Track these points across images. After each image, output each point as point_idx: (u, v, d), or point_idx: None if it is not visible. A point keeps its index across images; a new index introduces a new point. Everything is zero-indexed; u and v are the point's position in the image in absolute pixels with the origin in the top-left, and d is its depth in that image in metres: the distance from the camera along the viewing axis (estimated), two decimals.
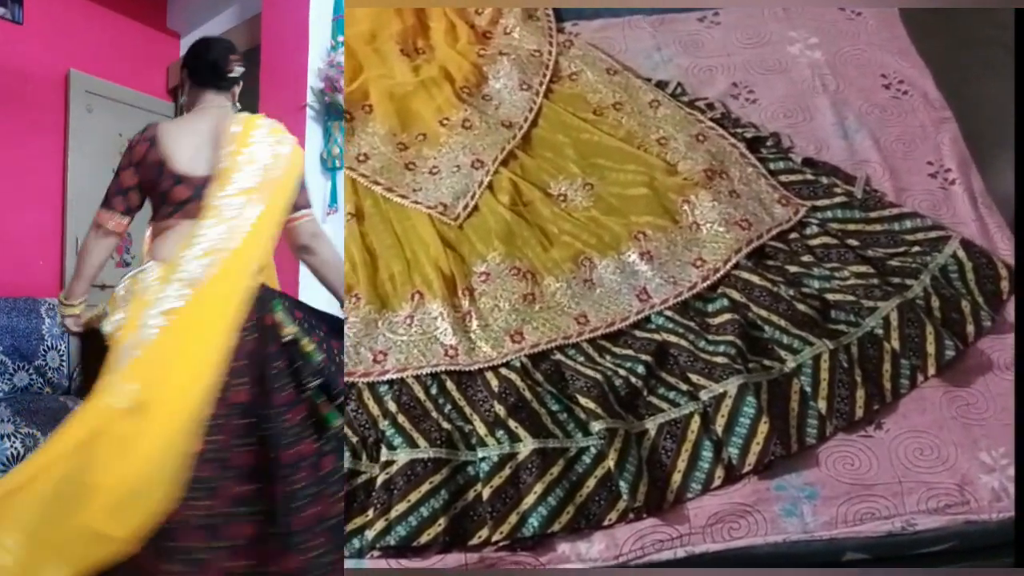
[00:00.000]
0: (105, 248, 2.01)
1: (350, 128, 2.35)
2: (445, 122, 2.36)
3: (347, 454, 1.74)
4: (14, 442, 2.36)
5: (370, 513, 1.66)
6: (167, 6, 4.21)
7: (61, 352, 3.20)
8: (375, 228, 2.18)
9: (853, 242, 2.06)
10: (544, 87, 2.44)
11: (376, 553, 1.63)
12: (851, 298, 1.94)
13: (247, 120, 1.87)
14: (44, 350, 3.14)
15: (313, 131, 2.95)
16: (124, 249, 3.75)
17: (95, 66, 3.79)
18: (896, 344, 1.86)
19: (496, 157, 2.28)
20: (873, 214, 2.12)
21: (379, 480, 1.70)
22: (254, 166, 1.79)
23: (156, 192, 1.90)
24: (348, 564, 1.64)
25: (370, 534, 1.63)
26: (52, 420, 2.50)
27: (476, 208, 2.20)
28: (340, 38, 2.91)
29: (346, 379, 1.88)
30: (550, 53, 2.52)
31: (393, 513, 1.63)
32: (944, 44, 2.51)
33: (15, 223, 3.46)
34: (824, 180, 2.18)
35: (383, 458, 1.73)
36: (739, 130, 2.31)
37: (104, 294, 3.44)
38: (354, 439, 1.78)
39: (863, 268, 2.00)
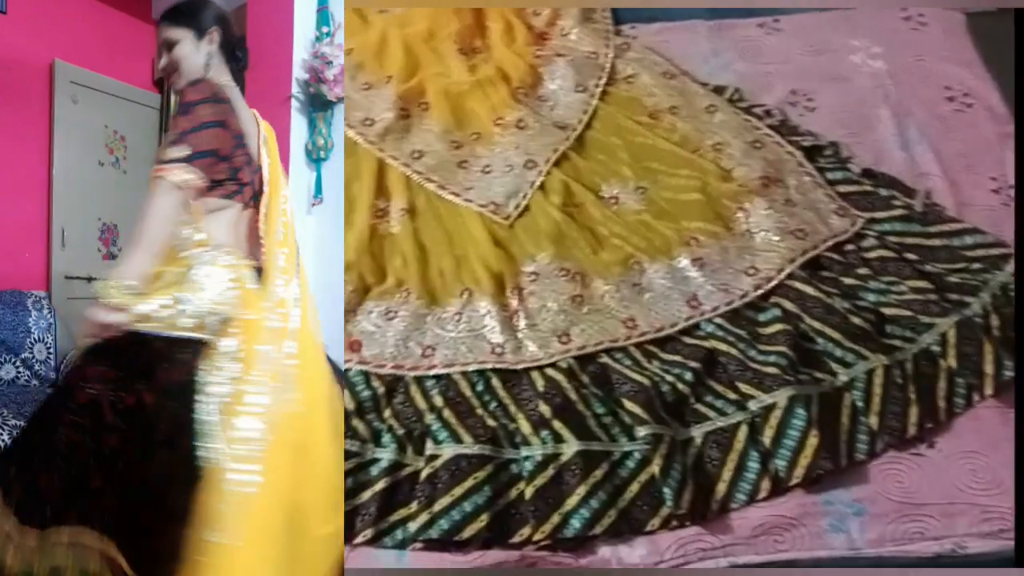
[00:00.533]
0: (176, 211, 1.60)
1: (405, 125, 2.37)
2: (500, 122, 2.37)
3: (393, 446, 1.76)
4: (1, 434, 2.36)
5: (413, 506, 1.68)
6: None
7: (48, 344, 3.19)
8: (427, 224, 2.19)
9: (911, 256, 2.02)
10: (600, 89, 2.43)
11: (418, 545, 1.64)
12: (908, 313, 1.90)
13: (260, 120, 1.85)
14: (31, 343, 3.13)
15: (298, 122, 2.95)
16: (111, 241, 3.80)
17: (80, 56, 3.74)
18: (953, 362, 1.82)
19: (549, 158, 2.28)
20: (933, 228, 2.07)
21: (423, 473, 1.71)
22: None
23: (226, 165, 1.72)
24: (389, 555, 1.65)
25: (413, 526, 1.64)
26: None
27: (527, 208, 2.20)
28: (325, 28, 2.90)
29: (394, 372, 1.90)
30: (607, 55, 2.51)
31: (436, 507, 1.64)
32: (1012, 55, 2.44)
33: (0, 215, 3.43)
34: (883, 192, 2.14)
35: (428, 452, 1.74)
36: (797, 138, 2.28)
37: (92, 285, 3.46)
38: (400, 431, 1.79)
39: (921, 283, 1.95)
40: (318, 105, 2.92)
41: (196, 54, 1.82)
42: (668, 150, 2.27)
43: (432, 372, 1.91)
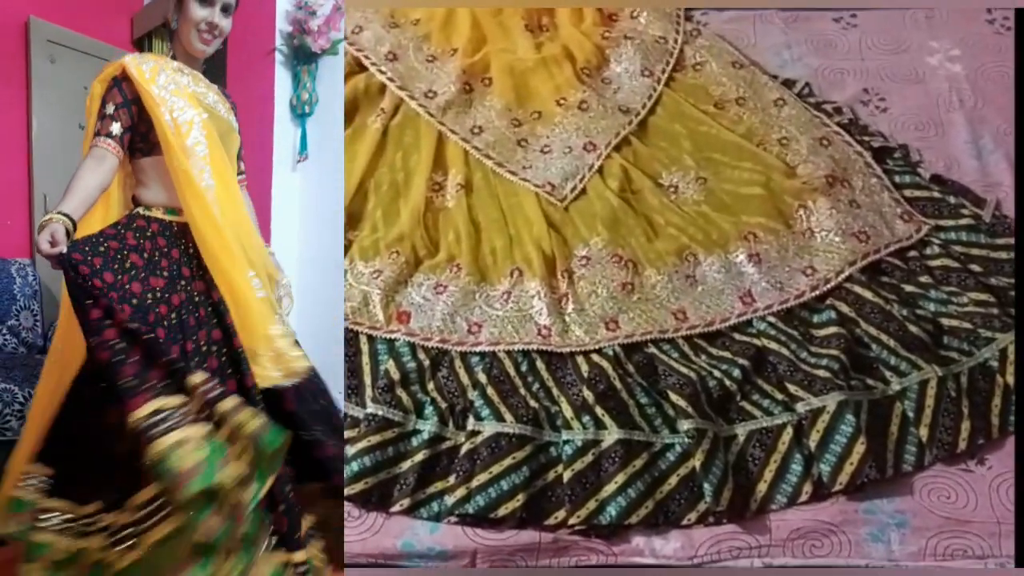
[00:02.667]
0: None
1: (467, 99, 2.36)
2: (562, 102, 2.35)
3: (434, 419, 1.77)
4: None
5: (451, 479, 1.69)
6: None
7: (34, 311, 3.16)
8: (482, 201, 2.19)
9: (976, 267, 1.96)
10: (666, 75, 2.39)
11: (453, 519, 1.66)
12: (967, 325, 1.85)
13: None
14: (17, 310, 3.09)
15: (282, 77, 2.87)
16: None
17: (56, 14, 3.51)
18: (1010, 379, 1.77)
19: (610, 142, 2.25)
20: (1000, 240, 2.01)
21: (463, 448, 1.72)
22: None
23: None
24: (423, 526, 1.67)
25: (449, 500, 1.66)
26: (30, 376, 2.49)
27: (584, 191, 2.18)
28: None
29: (440, 346, 1.91)
30: (676, 41, 2.47)
31: (474, 482, 1.66)
32: None
33: None
34: (951, 200, 2.08)
35: (469, 427, 1.75)
36: (866, 138, 2.22)
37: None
38: (443, 405, 1.80)
39: (983, 296, 1.90)
40: (302, 58, 2.83)
41: (220, 40, 1.90)
42: (732, 141, 2.23)
43: (477, 349, 1.91)
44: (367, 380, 1.87)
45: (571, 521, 1.62)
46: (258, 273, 1.81)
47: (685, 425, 1.70)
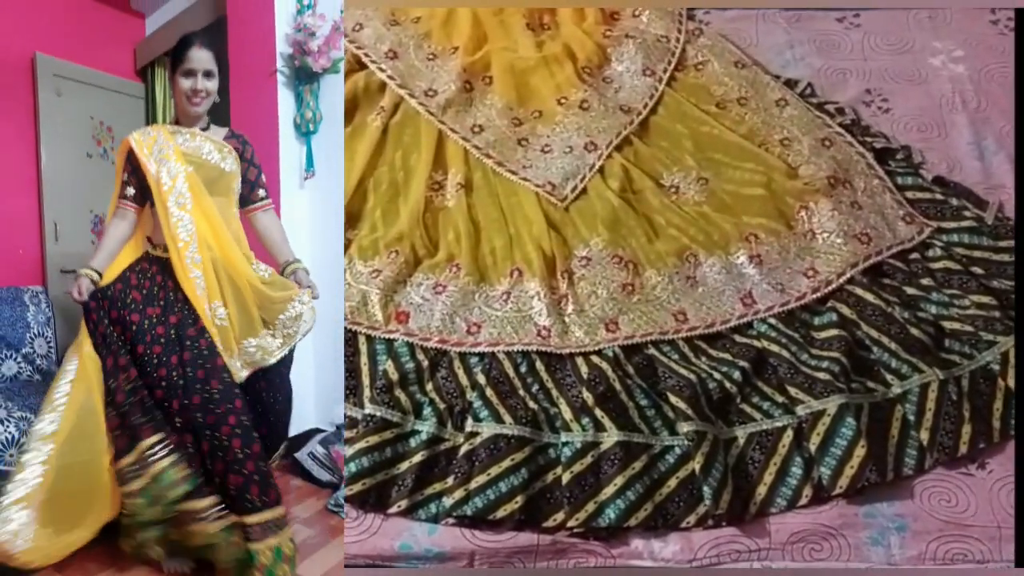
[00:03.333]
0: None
1: (468, 98, 2.35)
2: (563, 101, 2.34)
3: (433, 420, 1.76)
4: (8, 426, 2.36)
5: (449, 481, 1.68)
6: None
7: (48, 339, 3.17)
8: (482, 200, 2.18)
9: (978, 270, 1.95)
10: (668, 74, 2.39)
11: (451, 521, 1.65)
12: (969, 328, 1.84)
13: None
14: (31, 338, 3.11)
15: (285, 97, 2.91)
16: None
17: (61, 49, 3.65)
18: (1011, 382, 1.76)
19: (611, 141, 2.24)
20: (1002, 243, 2.00)
21: (462, 450, 1.71)
22: None
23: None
24: (421, 528, 1.66)
25: (448, 501, 1.65)
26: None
27: (584, 191, 2.17)
28: (306, 1, 2.85)
29: (439, 346, 1.90)
30: (678, 40, 2.46)
31: (473, 484, 1.65)
32: None
33: None
34: (954, 201, 2.07)
35: (468, 428, 1.74)
36: (868, 139, 2.21)
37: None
38: (441, 406, 1.80)
39: (985, 299, 1.89)
40: (304, 78, 2.88)
41: (213, 97, 2.16)
42: (734, 142, 2.22)
43: (476, 349, 1.90)
44: (365, 381, 1.86)
45: (570, 523, 1.62)
46: (229, 302, 2.13)
47: (685, 427, 1.70)
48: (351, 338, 1.94)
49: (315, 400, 3.13)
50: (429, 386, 1.85)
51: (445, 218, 2.15)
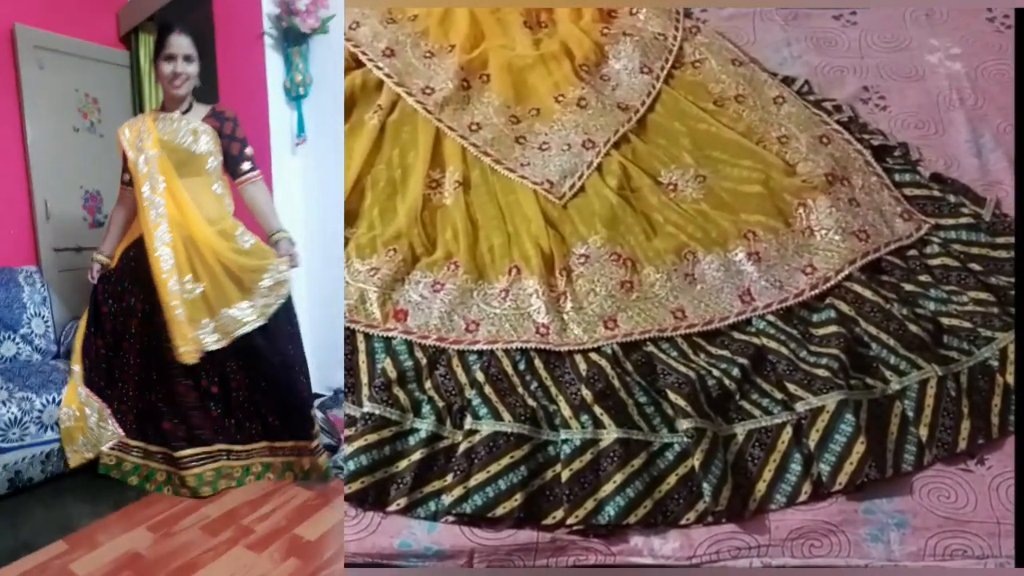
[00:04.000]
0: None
1: (465, 96, 2.35)
2: (560, 99, 2.34)
3: (432, 418, 1.76)
4: (10, 407, 2.42)
5: (449, 478, 1.68)
6: None
7: (45, 318, 3.17)
8: (480, 199, 2.18)
9: (976, 266, 1.95)
10: (665, 72, 2.38)
11: (450, 519, 1.65)
12: (967, 325, 1.85)
13: None
14: (27, 318, 3.12)
15: (273, 60, 2.85)
16: (96, 208, 3.70)
17: (41, 19, 3.50)
18: (1010, 378, 1.76)
19: (608, 139, 2.24)
20: (1000, 239, 2.00)
21: (461, 447, 1.71)
22: None
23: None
24: (420, 526, 1.66)
25: (447, 499, 1.65)
26: (46, 383, 2.58)
27: (582, 189, 2.17)
28: None
29: (438, 344, 1.90)
30: (675, 38, 2.46)
31: (472, 482, 1.64)
32: None
33: None
34: (951, 198, 2.07)
35: (467, 426, 1.74)
36: (866, 136, 2.21)
37: (81, 256, 3.53)
38: (440, 404, 1.79)
39: (983, 295, 1.89)
40: (292, 39, 2.81)
41: (194, 79, 2.31)
42: (731, 139, 2.22)
43: (475, 347, 1.90)
44: (364, 379, 1.86)
45: (569, 521, 1.61)
46: (202, 275, 2.29)
47: (684, 424, 1.69)
48: (349, 336, 1.93)
49: (313, 365, 3.08)
50: (428, 384, 1.84)
51: (443, 216, 2.15)
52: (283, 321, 2.41)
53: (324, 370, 3.07)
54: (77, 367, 2.49)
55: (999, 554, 1.57)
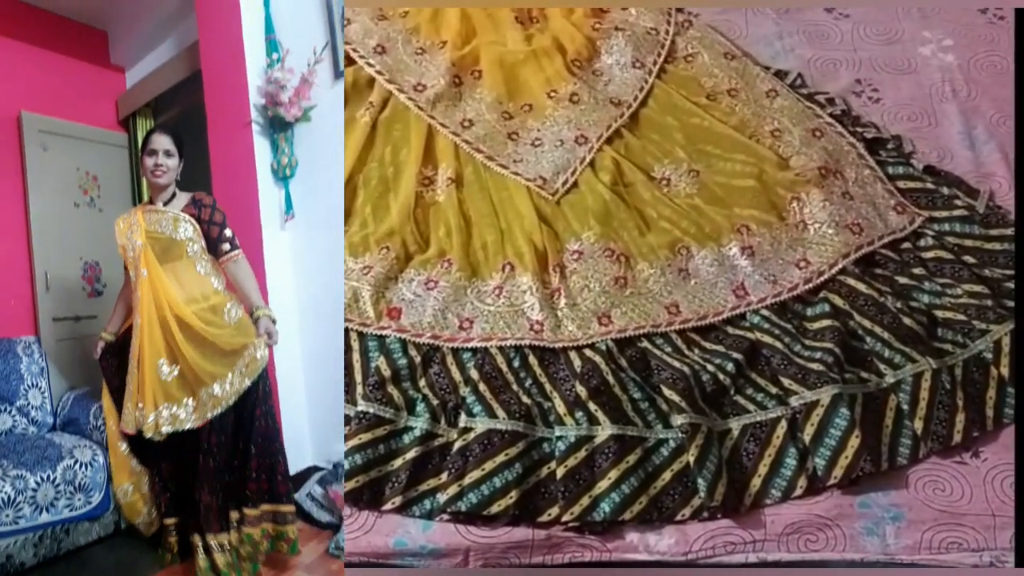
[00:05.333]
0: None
1: (457, 93, 2.34)
2: (553, 94, 2.33)
3: (426, 416, 1.75)
4: (3, 486, 2.31)
5: (444, 477, 1.67)
6: (108, 44, 4.28)
7: (42, 389, 3.12)
8: (473, 195, 2.17)
9: (969, 259, 1.95)
10: (658, 67, 2.38)
11: (446, 517, 1.64)
12: (962, 317, 1.84)
13: None
14: (25, 389, 3.05)
15: (261, 145, 3.05)
16: (95, 279, 3.81)
17: (46, 106, 3.78)
18: (1005, 370, 1.76)
19: (601, 135, 2.24)
20: (994, 231, 2.00)
21: (456, 445, 1.70)
22: None
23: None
24: (416, 524, 1.65)
25: (442, 497, 1.64)
26: (41, 460, 2.48)
27: (575, 185, 2.17)
28: (275, 55, 3.02)
29: (432, 342, 1.89)
30: (667, 32, 2.45)
31: (467, 480, 1.64)
32: None
33: None
34: (945, 190, 2.07)
35: (461, 424, 1.73)
36: (859, 129, 2.21)
37: (80, 324, 3.64)
38: (434, 402, 1.79)
39: (978, 287, 1.89)
40: (278, 126, 3.03)
41: (175, 171, 2.41)
42: (724, 133, 2.21)
43: (469, 345, 1.89)
44: (358, 377, 1.85)
45: (564, 518, 1.61)
46: (180, 357, 2.30)
47: (679, 420, 1.69)
48: (343, 335, 1.92)
49: (311, 438, 3.15)
50: (422, 382, 1.84)
51: (436, 213, 2.14)
52: (249, 401, 2.39)
53: (322, 443, 3.10)
54: (123, 444, 2.45)
55: (994, 546, 1.57)
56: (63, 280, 3.68)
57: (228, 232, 2.45)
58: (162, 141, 2.38)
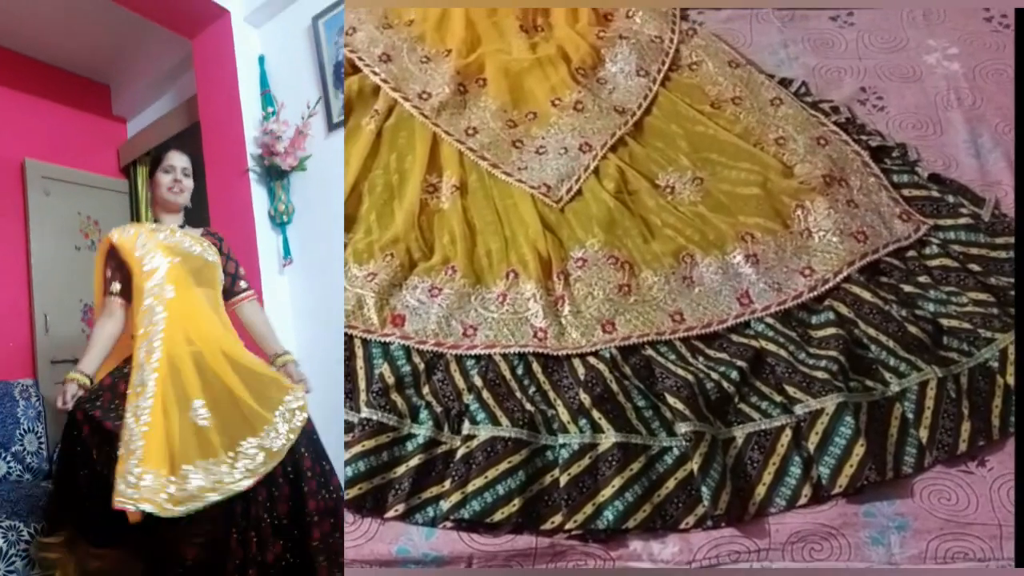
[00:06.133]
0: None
1: (462, 100, 2.35)
2: (557, 102, 2.33)
3: (430, 423, 1.75)
4: None
5: (447, 484, 1.67)
6: (111, 95, 4.41)
7: (39, 435, 3.02)
8: (477, 203, 2.17)
9: (975, 267, 1.95)
10: (662, 75, 2.38)
11: (449, 524, 1.64)
12: (967, 326, 1.84)
13: None
14: (20, 434, 2.93)
15: (258, 192, 3.12)
16: (94, 322, 3.76)
17: (49, 153, 3.89)
18: (1011, 379, 1.75)
19: (605, 142, 2.24)
20: (999, 240, 2.00)
21: (459, 453, 1.70)
22: None
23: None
24: (419, 532, 1.65)
25: (445, 505, 1.64)
26: (35, 509, 2.31)
27: (580, 192, 2.17)
28: (270, 109, 3.13)
29: (436, 349, 1.89)
30: (671, 40, 2.46)
31: (470, 487, 1.64)
32: None
33: None
34: (950, 199, 2.07)
35: (465, 431, 1.73)
36: (863, 137, 2.21)
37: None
38: (438, 409, 1.79)
39: (983, 296, 1.88)
40: (275, 175, 3.09)
41: (189, 192, 2.25)
42: (729, 141, 2.21)
43: (473, 352, 1.89)
44: (361, 384, 1.86)
45: (568, 526, 1.60)
46: (208, 401, 1.92)
47: (683, 428, 1.69)
48: (346, 342, 1.93)
49: None
50: (425, 389, 1.84)
51: (440, 221, 2.15)
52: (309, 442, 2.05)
53: None
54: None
55: (1000, 556, 1.56)
56: (63, 323, 3.71)
57: (242, 270, 2.33)
58: (181, 159, 2.23)
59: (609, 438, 1.69)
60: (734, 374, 1.80)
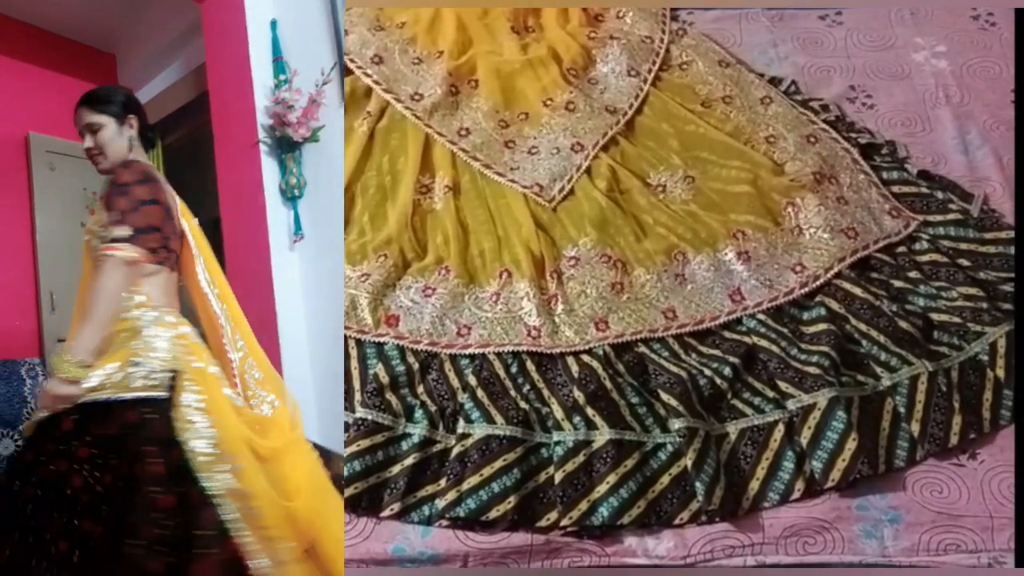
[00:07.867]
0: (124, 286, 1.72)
1: (454, 102, 2.36)
2: (549, 103, 2.35)
3: (424, 422, 1.76)
4: None
5: (442, 483, 1.68)
6: (116, 65, 4.29)
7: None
8: (470, 203, 2.18)
9: (964, 262, 1.96)
10: (653, 74, 2.40)
11: (444, 523, 1.65)
12: (957, 320, 1.85)
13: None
14: (27, 413, 2.89)
15: (269, 165, 3.03)
16: None
17: (53, 127, 3.75)
18: (1001, 373, 1.77)
19: (597, 142, 2.25)
20: (988, 235, 2.01)
21: (454, 451, 1.71)
22: None
23: (159, 235, 1.85)
24: (414, 530, 1.65)
25: (440, 503, 1.64)
26: None
27: (572, 192, 2.18)
28: (282, 76, 3.00)
29: (430, 348, 1.90)
30: (662, 40, 2.47)
31: (465, 485, 1.64)
32: None
33: None
34: (939, 195, 2.08)
35: (460, 430, 1.74)
36: (853, 135, 2.23)
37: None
38: (432, 408, 1.79)
39: (973, 290, 1.90)
40: (286, 147, 3.00)
41: (120, 138, 1.96)
42: (719, 140, 2.23)
43: (467, 351, 1.90)
44: (356, 384, 1.86)
45: (563, 523, 1.61)
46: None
47: (676, 424, 1.69)
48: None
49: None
50: (420, 389, 1.84)
51: (433, 221, 2.15)
52: None
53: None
54: None
55: (992, 548, 1.58)
56: (69, 301, 3.55)
57: None
58: (81, 116, 1.95)
59: (603, 435, 1.70)
60: (727, 370, 1.81)
